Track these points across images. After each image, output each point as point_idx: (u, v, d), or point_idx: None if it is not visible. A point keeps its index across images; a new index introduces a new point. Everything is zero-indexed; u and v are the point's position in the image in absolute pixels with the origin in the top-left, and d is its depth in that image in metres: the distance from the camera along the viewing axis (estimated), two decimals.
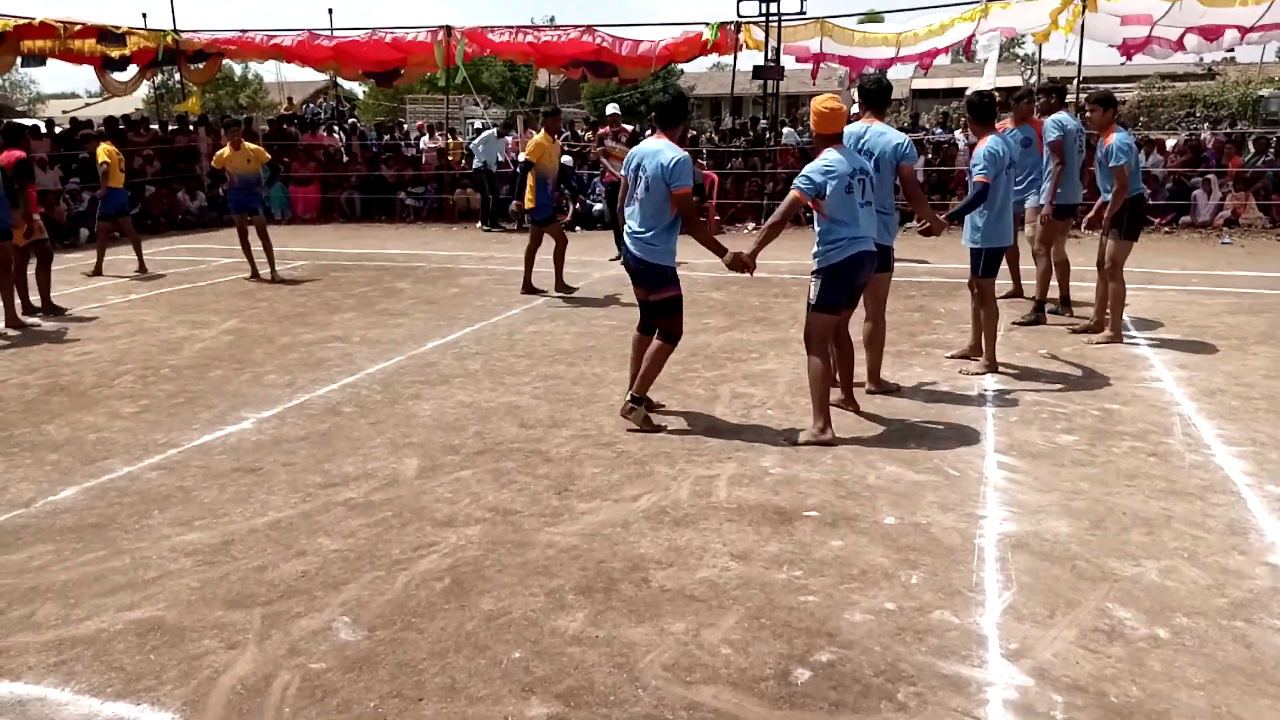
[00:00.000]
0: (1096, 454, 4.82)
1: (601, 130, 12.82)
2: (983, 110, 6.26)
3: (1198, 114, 26.98)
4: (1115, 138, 6.69)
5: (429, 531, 4.04)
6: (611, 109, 12.44)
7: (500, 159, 16.17)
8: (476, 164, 16.04)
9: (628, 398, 5.24)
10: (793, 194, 4.90)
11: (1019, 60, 43.21)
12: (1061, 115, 7.59)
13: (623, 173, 5.18)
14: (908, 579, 3.57)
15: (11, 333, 8.20)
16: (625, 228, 5.16)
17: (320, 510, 4.30)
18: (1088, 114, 7.25)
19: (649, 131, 12.43)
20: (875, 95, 5.73)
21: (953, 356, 6.70)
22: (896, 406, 5.64)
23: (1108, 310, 7.18)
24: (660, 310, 5.15)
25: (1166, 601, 3.39)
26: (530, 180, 9.33)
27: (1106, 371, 6.34)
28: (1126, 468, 4.63)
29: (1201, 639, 3.15)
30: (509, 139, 17.36)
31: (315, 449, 5.11)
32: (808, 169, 4.93)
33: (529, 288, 9.61)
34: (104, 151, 11.07)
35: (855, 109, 8.52)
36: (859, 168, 4.95)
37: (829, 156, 4.91)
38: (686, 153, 5.01)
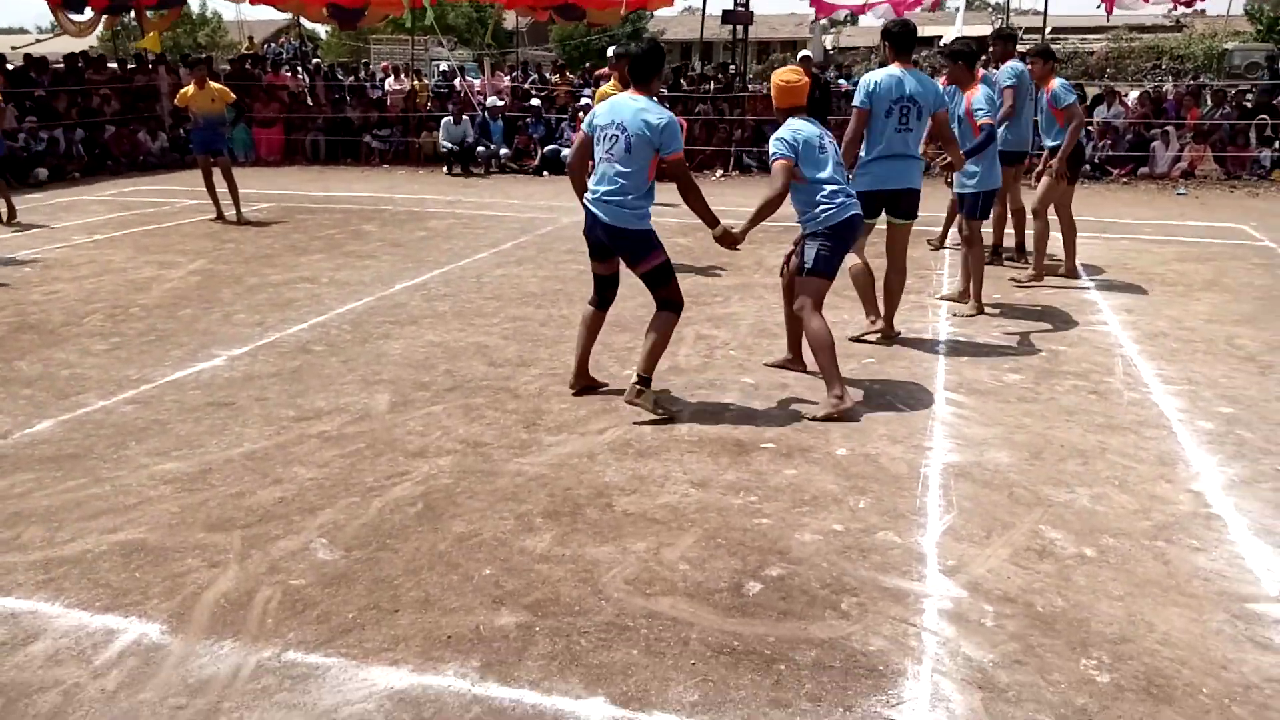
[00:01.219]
0: (1040, 391, 5.06)
1: (600, 72, 12.74)
2: (970, 58, 6.44)
3: (1164, 66, 27.25)
4: (1056, 82, 7.08)
5: (401, 461, 4.20)
6: (612, 51, 12.41)
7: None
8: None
9: (634, 379, 4.62)
10: (781, 162, 4.70)
11: (990, 9, 43.18)
12: (1016, 62, 7.73)
13: (584, 128, 4.70)
14: (855, 504, 3.79)
15: None
16: (590, 193, 4.61)
17: (294, 442, 4.43)
18: (1029, 66, 7.44)
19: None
20: (903, 39, 5.65)
21: (943, 298, 6.96)
22: (856, 348, 5.85)
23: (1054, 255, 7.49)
24: (654, 280, 4.64)
25: (1095, 524, 3.64)
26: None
27: (1056, 315, 6.58)
28: (1068, 404, 4.88)
29: (1124, 557, 3.40)
30: (476, 81, 17.22)
31: (287, 385, 5.23)
32: (778, 136, 4.80)
33: None
34: None
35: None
36: (823, 133, 4.89)
37: (794, 124, 4.83)
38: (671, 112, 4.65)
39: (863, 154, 5.70)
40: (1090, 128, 14.50)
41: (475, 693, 2.65)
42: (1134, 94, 15.71)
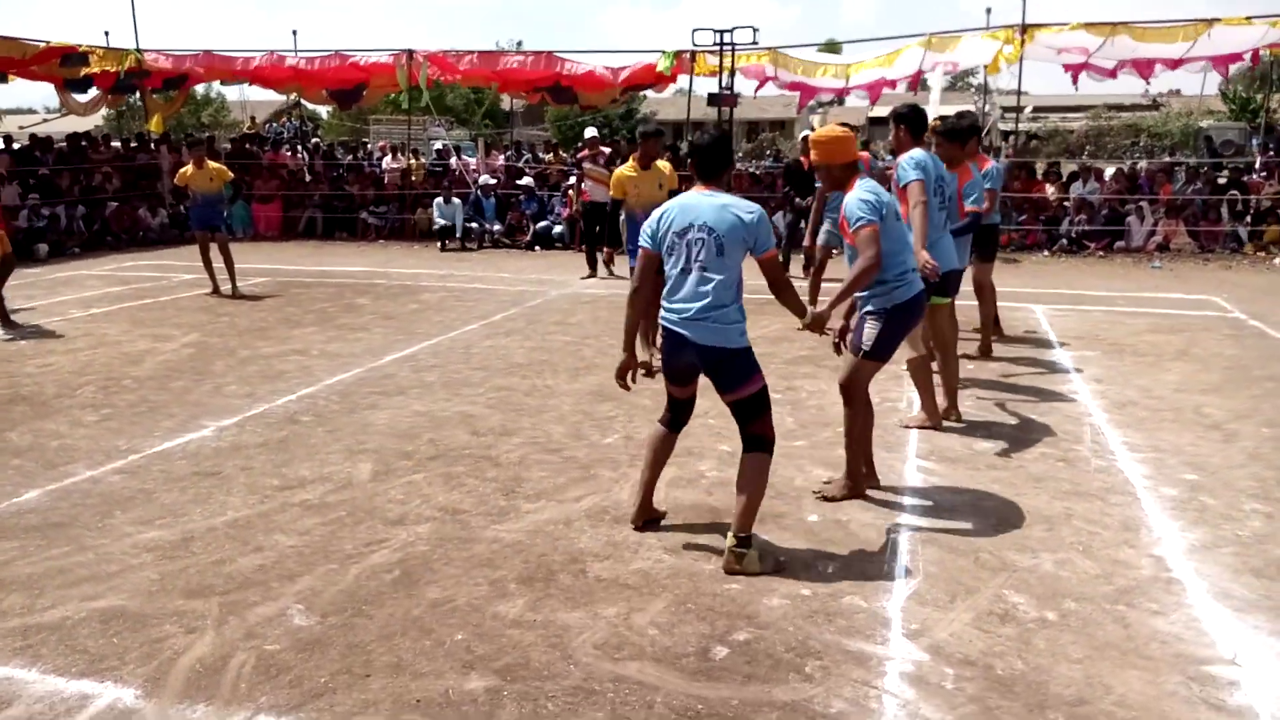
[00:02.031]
0: (1009, 459, 5.17)
1: (581, 154, 13.15)
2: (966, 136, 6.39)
3: (1141, 144, 27.93)
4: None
5: (380, 529, 4.28)
6: (590, 132, 12.78)
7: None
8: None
9: (731, 543, 3.85)
10: (869, 229, 4.21)
11: (972, 90, 44.35)
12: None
13: (646, 244, 3.99)
14: (824, 568, 3.87)
15: None
16: (671, 313, 3.91)
17: (277, 510, 4.51)
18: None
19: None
20: (919, 122, 5.65)
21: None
22: (829, 416, 5.96)
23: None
24: (748, 410, 3.91)
25: (1058, 588, 3.72)
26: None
27: (1028, 385, 6.72)
28: (1036, 471, 4.98)
29: (1085, 621, 3.47)
30: (471, 160, 17.62)
31: (273, 455, 5.32)
32: (860, 199, 4.27)
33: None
34: None
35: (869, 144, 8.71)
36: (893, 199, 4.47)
37: (871, 184, 4.36)
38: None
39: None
40: (1067, 203, 14.87)
41: None
42: (1110, 170, 16.13)
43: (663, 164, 7.38)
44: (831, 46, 21.02)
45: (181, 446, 5.49)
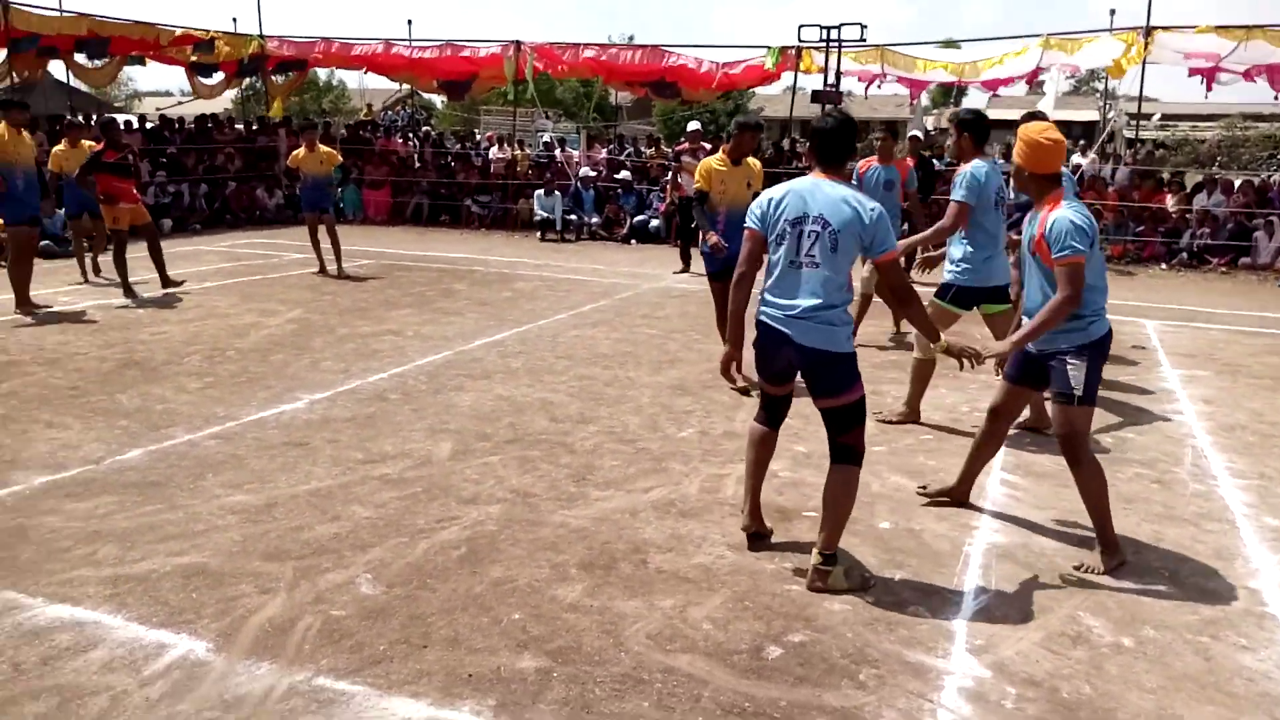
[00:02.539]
0: None
1: (680, 146, 13.11)
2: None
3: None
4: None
5: (453, 507, 4.37)
6: (693, 125, 12.71)
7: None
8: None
9: (816, 560, 3.66)
10: (1076, 259, 3.72)
11: (1096, 94, 42.64)
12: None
13: (753, 224, 3.78)
14: (891, 576, 3.78)
15: (26, 318, 8.50)
16: (773, 306, 3.70)
17: (357, 482, 4.66)
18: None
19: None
20: (984, 130, 5.51)
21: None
22: (918, 424, 5.83)
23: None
24: (844, 419, 3.68)
25: (1138, 614, 3.55)
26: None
27: (1131, 401, 6.43)
28: (1127, 492, 4.77)
29: (1164, 649, 3.31)
30: (575, 152, 17.81)
31: (359, 429, 5.49)
32: (1072, 222, 3.74)
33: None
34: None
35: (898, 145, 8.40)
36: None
37: (1078, 206, 3.86)
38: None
39: (969, 248, 5.54)
40: (1189, 215, 14.17)
41: None
42: (1237, 182, 15.29)
43: (753, 161, 6.90)
44: (949, 45, 20.54)
45: (275, 416, 5.72)
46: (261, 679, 2.97)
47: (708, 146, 13.79)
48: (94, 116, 18.38)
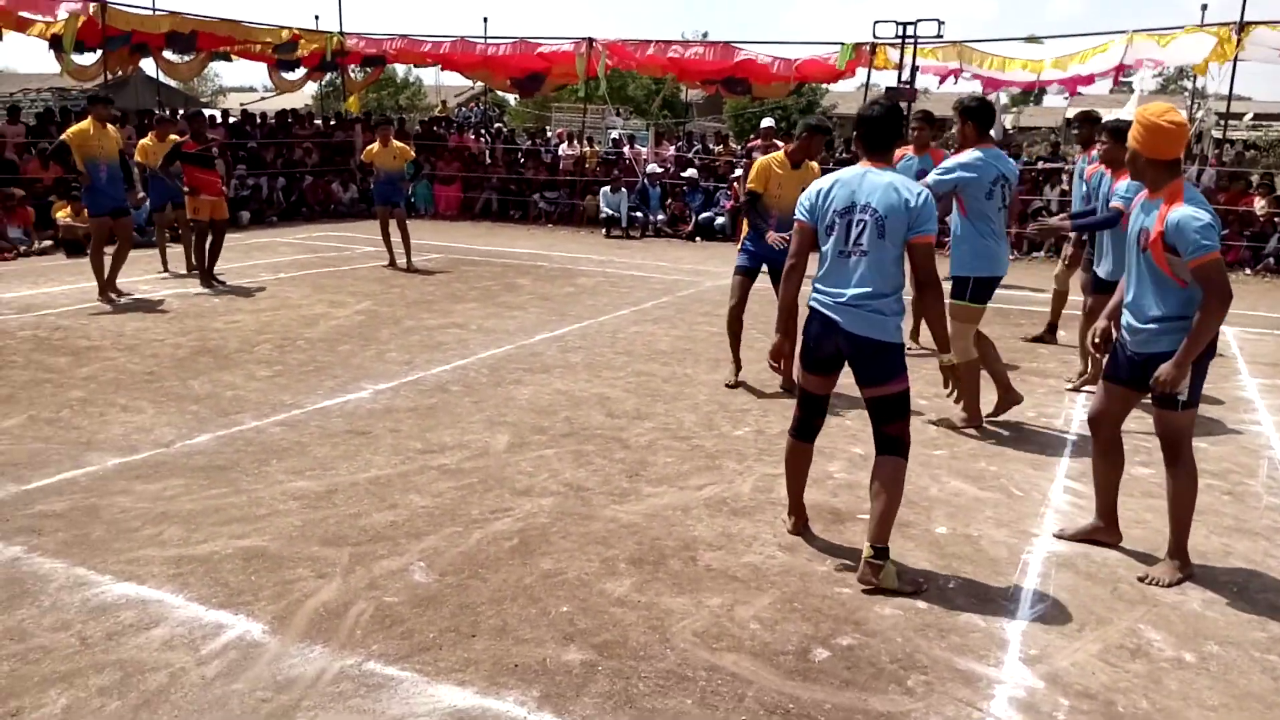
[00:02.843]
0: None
1: (751, 142, 12.99)
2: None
3: None
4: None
5: (507, 498, 4.42)
6: (766, 123, 12.62)
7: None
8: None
9: (868, 553, 3.61)
10: (1212, 256, 3.49)
11: (1185, 93, 41.19)
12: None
13: (803, 217, 3.80)
14: (945, 583, 3.72)
15: (105, 303, 8.83)
16: (825, 294, 3.72)
17: (416, 472, 4.74)
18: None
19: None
20: (985, 116, 5.54)
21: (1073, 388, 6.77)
22: (976, 426, 5.71)
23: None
24: (891, 409, 3.68)
25: (1202, 629, 3.43)
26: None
27: (1205, 411, 6.20)
28: (1198, 503, 4.58)
29: (1228, 666, 3.19)
30: (643, 150, 17.83)
31: (420, 419, 5.58)
32: (1196, 219, 3.50)
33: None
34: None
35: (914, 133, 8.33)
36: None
37: (1197, 199, 3.61)
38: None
39: (979, 239, 5.50)
40: (1278, 219, 13.61)
41: None
42: None
43: (814, 165, 6.50)
44: (1031, 40, 20.06)
45: (340, 405, 5.84)
46: (314, 662, 3.04)
47: (780, 144, 13.66)
48: (180, 111, 19.04)
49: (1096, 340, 4.04)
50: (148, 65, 18.71)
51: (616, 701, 2.87)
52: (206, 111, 17.97)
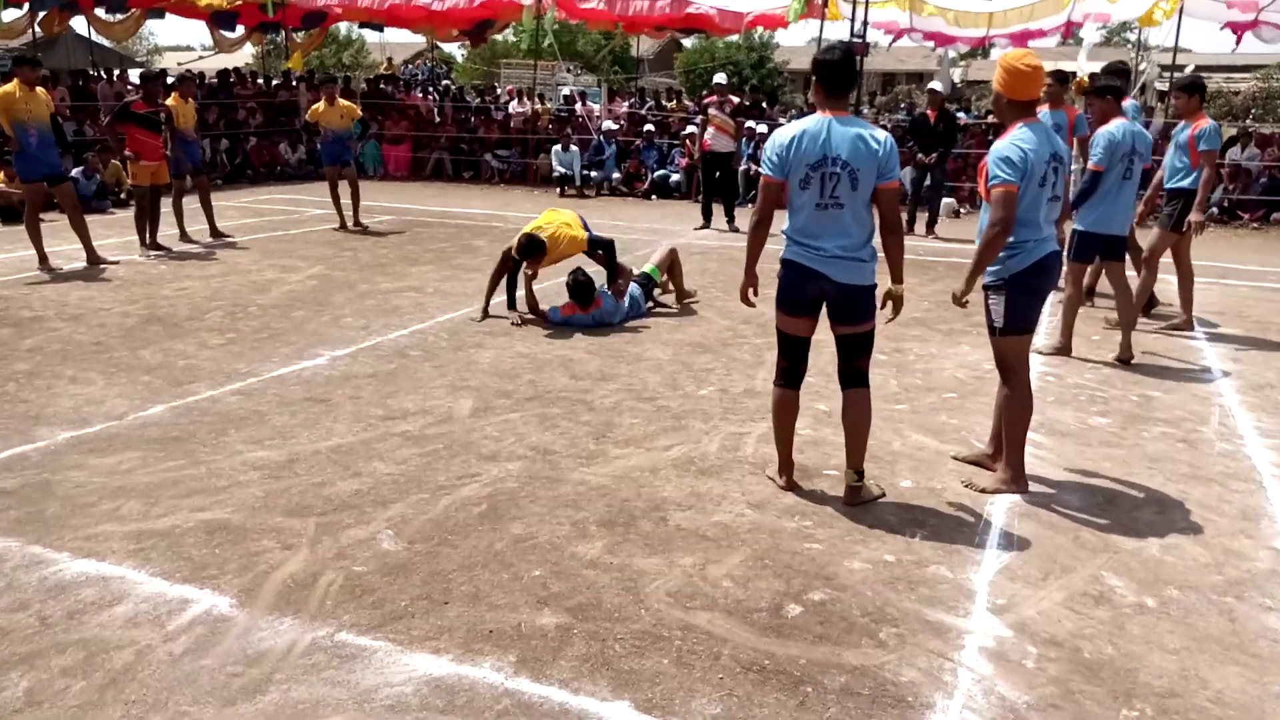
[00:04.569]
0: (1125, 437, 4.90)
1: (707, 99, 12.85)
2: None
3: None
4: (1208, 123, 6.69)
5: (473, 464, 4.38)
6: (720, 78, 12.46)
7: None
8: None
9: (852, 478, 3.99)
10: (1005, 189, 3.84)
11: (1128, 45, 41.65)
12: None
13: (771, 172, 3.82)
14: (912, 536, 3.76)
15: (45, 273, 8.58)
16: (806, 249, 3.82)
17: (378, 439, 4.67)
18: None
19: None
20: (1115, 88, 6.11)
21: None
22: (934, 381, 5.78)
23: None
24: (861, 345, 3.94)
25: (1161, 574, 3.52)
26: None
27: (1156, 361, 6.34)
28: (1153, 451, 4.71)
29: (1187, 610, 3.28)
30: (595, 106, 17.59)
31: (380, 386, 5.50)
32: (1003, 150, 3.89)
33: None
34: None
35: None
36: (1054, 152, 3.96)
37: (1022, 135, 3.90)
38: None
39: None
40: (1222, 170, 13.87)
41: (508, 686, 2.77)
42: (1271, 135, 14.93)
43: None
44: None
45: (297, 373, 5.73)
46: (284, 634, 3.00)
47: (735, 100, 13.53)
48: (115, 72, 18.36)
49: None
50: (79, 24, 18.01)
51: (594, 664, 2.87)
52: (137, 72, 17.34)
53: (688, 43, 34.31)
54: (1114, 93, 6.27)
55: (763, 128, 14.58)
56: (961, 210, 14.27)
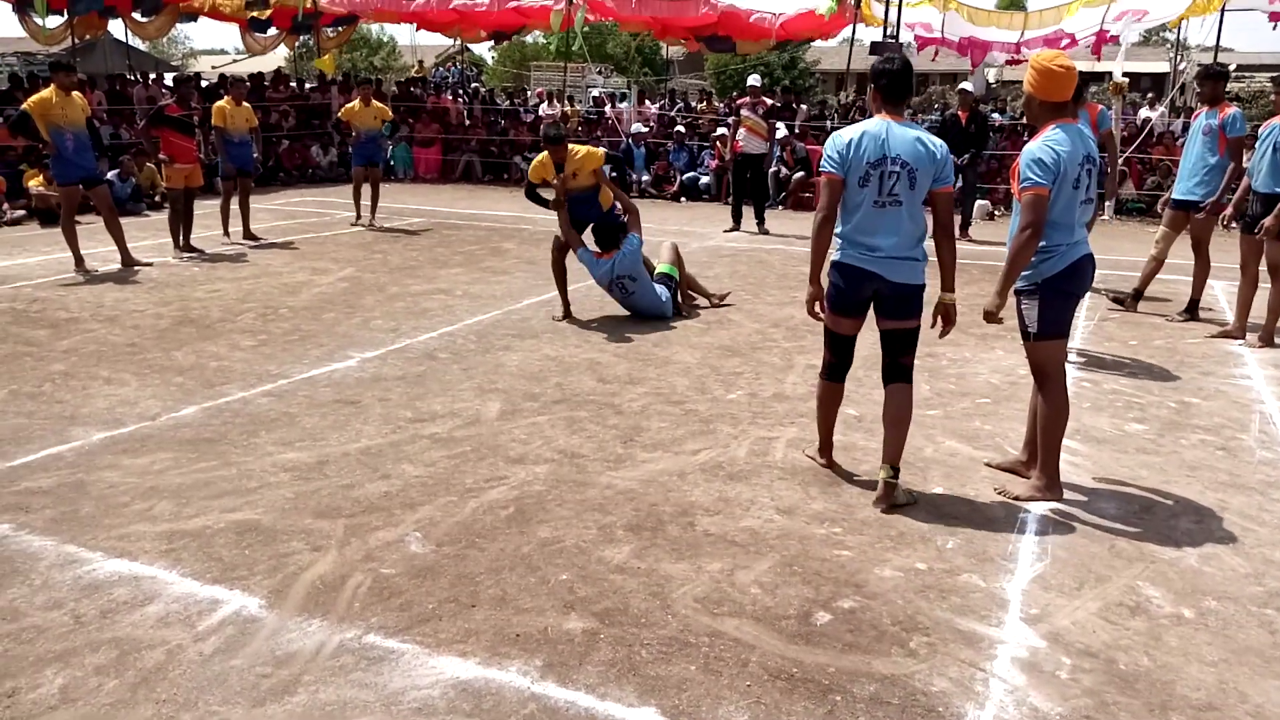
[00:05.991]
0: (1163, 444, 4.81)
1: (740, 101, 12.84)
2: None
3: None
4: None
5: (501, 467, 4.38)
6: (753, 80, 12.41)
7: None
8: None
9: (887, 474, 3.99)
10: (1035, 192, 3.81)
11: (1167, 45, 41.04)
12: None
13: (832, 168, 3.89)
14: (944, 543, 3.71)
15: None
16: (861, 249, 3.93)
17: (407, 441, 4.69)
18: (1273, 97, 7.08)
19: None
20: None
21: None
22: (968, 386, 5.71)
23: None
24: (908, 341, 4.05)
25: (1199, 585, 3.45)
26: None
27: (1195, 366, 6.23)
28: (1191, 459, 4.62)
29: (1226, 621, 3.21)
30: (624, 107, 17.60)
31: (409, 388, 5.52)
32: (1035, 152, 3.85)
33: None
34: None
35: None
36: (1088, 154, 3.92)
37: (1055, 136, 3.87)
38: None
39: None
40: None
41: (534, 690, 2.76)
42: None
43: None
44: (1014, 5, 19.88)
45: (327, 375, 5.77)
46: (312, 635, 3.01)
47: (768, 102, 13.47)
48: (150, 76, 18.62)
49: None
50: (116, 28, 18.28)
51: (620, 670, 2.86)
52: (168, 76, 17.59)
53: None
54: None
55: (782, 131, 14.46)
56: (996, 212, 14.12)
